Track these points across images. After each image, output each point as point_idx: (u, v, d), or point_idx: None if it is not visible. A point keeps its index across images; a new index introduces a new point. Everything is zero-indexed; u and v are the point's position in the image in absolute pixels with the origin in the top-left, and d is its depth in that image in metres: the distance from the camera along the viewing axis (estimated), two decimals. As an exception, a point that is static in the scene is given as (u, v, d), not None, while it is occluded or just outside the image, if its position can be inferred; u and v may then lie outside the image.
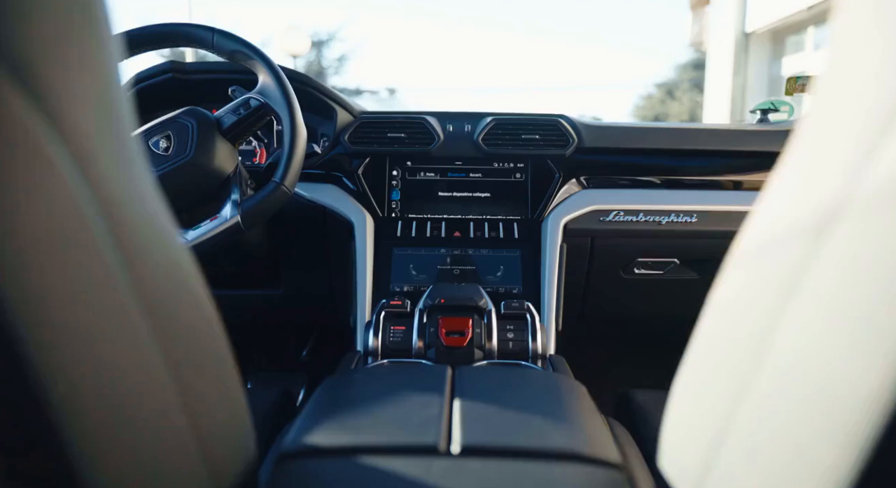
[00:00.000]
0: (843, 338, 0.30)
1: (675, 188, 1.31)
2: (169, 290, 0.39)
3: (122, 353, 0.35)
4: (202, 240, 1.01)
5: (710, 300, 0.45)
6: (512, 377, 0.67)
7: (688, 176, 1.33)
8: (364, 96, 20.01)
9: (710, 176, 1.33)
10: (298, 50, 12.76)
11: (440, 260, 1.24)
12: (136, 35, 1.09)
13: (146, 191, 0.39)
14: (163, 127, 1.04)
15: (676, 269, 1.33)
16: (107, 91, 0.35)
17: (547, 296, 1.17)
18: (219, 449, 0.44)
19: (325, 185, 1.32)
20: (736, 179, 1.33)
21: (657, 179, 1.32)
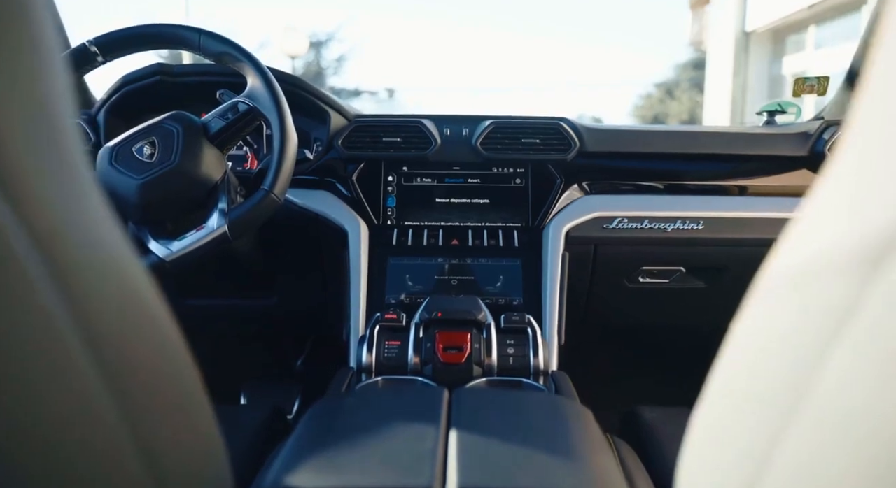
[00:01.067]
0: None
1: (681, 193, 1.27)
2: (123, 326, 0.35)
3: (66, 402, 0.30)
4: (187, 251, 0.97)
5: (735, 329, 0.40)
6: (512, 403, 0.63)
7: (694, 181, 1.28)
8: (363, 97, 19.96)
9: (717, 180, 1.28)
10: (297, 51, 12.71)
11: (437, 269, 1.19)
12: (119, 37, 1.04)
13: (94, 218, 0.34)
14: (147, 132, 1.00)
15: (682, 278, 1.29)
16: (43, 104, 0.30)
17: (548, 308, 1.13)
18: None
19: (319, 192, 1.28)
20: (743, 184, 1.28)
21: (662, 184, 1.28)
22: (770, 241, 1.09)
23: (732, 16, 7.96)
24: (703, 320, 1.42)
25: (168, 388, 0.39)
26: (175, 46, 1.07)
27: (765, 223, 1.23)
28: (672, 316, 1.36)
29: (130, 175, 0.96)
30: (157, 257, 0.96)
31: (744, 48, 8.16)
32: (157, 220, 1.00)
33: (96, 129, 1.28)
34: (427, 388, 0.87)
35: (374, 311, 1.07)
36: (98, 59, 1.05)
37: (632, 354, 1.63)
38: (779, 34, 7.87)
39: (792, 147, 1.28)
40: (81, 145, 0.34)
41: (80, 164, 0.34)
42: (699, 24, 9.33)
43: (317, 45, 17.95)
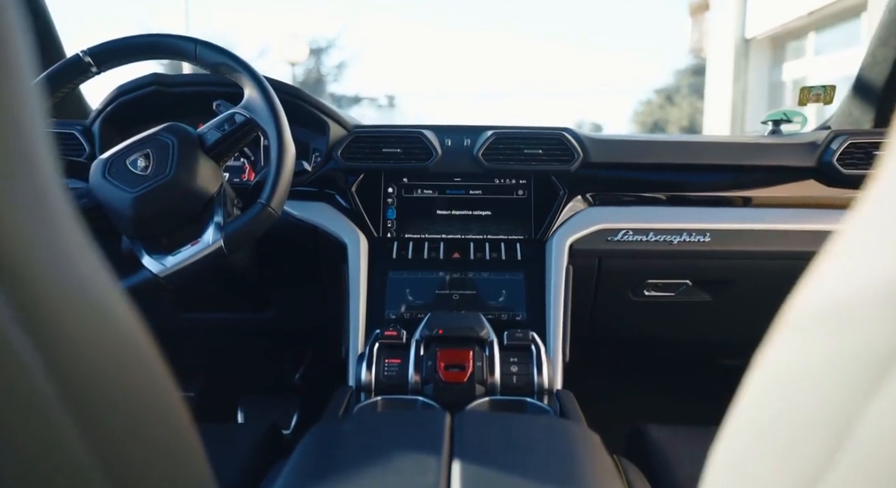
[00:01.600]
0: None
1: (687, 205, 1.24)
2: (95, 356, 0.32)
3: (30, 438, 0.28)
4: (182, 267, 0.94)
5: (763, 360, 0.38)
6: (517, 428, 0.60)
7: (700, 192, 1.26)
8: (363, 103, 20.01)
9: (724, 191, 1.26)
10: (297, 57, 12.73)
11: (438, 284, 1.17)
12: (113, 47, 1.02)
13: (65, 244, 0.32)
14: (142, 144, 0.97)
15: (688, 291, 1.26)
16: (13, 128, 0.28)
17: (552, 323, 1.10)
18: None
19: (317, 203, 1.25)
20: (750, 195, 1.26)
21: (667, 196, 1.25)
22: (778, 254, 1.06)
23: (732, 22, 7.97)
24: (709, 333, 1.39)
25: (150, 424, 0.37)
26: (171, 57, 1.05)
27: (773, 235, 1.21)
28: (678, 329, 1.34)
29: (124, 188, 0.94)
30: (150, 273, 0.94)
31: (744, 55, 8.17)
32: (152, 235, 0.98)
33: (91, 141, 1.26)
34: (428, 412, 0.84)
35: (374, 328, 1.05)
36: (92, 70, 1.03)
37: (637, 368, 1.60)
38: (778, 41, 7.88)
39: (799, 157, 1.26)
40: (55, 170, 0.32)
41: (53, 189, 0.31)
42: (699, 30, 9.33)
43: (317, 51, 18.01)
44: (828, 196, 1.25)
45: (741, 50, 8.13)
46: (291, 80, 13.49)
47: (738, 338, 1.42)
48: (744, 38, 8.03)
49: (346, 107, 19.55)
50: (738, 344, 1.48)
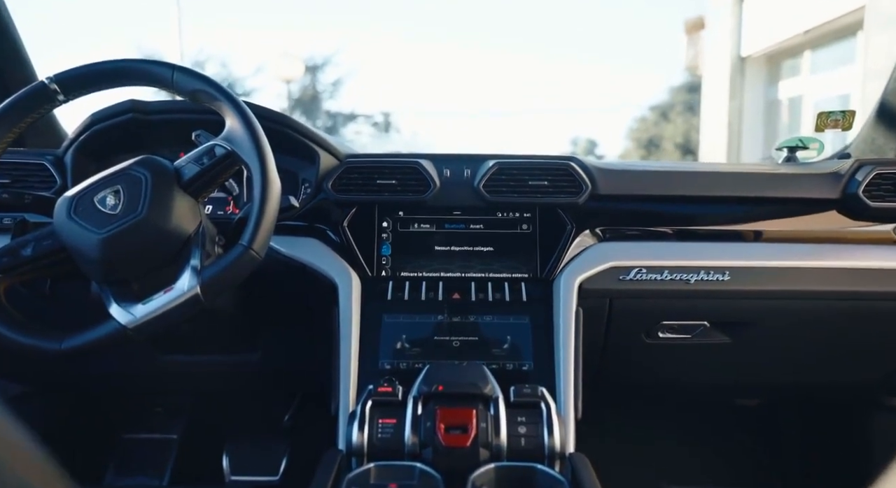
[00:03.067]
0: None
1: (704, 240, 1.16)
2: None
3: None
4: (153, 317, 0.85)
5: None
6: None
7: (717, 225, 1.17)
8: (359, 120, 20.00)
9: (743, 225, 1.17)
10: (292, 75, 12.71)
11: (437, 329, 1.07)
12: (82, 74, 0.94)
13: None
14: (111, 180, 0.89)
15: (706, 333, 1.17)
16: None
17: (563, 376, 1.00)
18: None
19: (306, 239, 1.16)
20: (771, 229, 1.17)
21: (682, 230, 1.17)
22: (802, 294, 0.95)
23: (727, 41, 7.97)
24: (727, 376, 1.30)
25: None
26: (146, 83, 0.96)
27: (796, 273, 1.12)
28: (694, 372, 1.25)
29: (91, 229, 0.85)
30: (118, 324, 0.85)
31: (739, 72, 8.16)
32: (121, 280, 0.89)
33: (63, 172, 1.17)
34: (427, 482, 0.75)
35: (367, 381, 0.95)
36: (59, 98, 0.95)
37: (651, 416, 1.51)
38: (774, 59, 7.88)
39: (822, 188, 1.17)
40: None
41: None
42: (694, 48, 9.34)
43: (312, 69, 18.01)
44: (853, 230, 1.17)
45: (737, 68, 8.12)
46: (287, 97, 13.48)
47: (757, 379, 1.33)
48: (739, 56, 8.02)
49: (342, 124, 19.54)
50: (756, 384, 1.40)
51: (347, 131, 19.91)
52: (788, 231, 1.18)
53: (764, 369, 1.26)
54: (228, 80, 17.13)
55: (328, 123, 19.32)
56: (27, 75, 1.34)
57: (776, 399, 1.38)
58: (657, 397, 1.42)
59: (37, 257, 0.90)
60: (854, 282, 1.12)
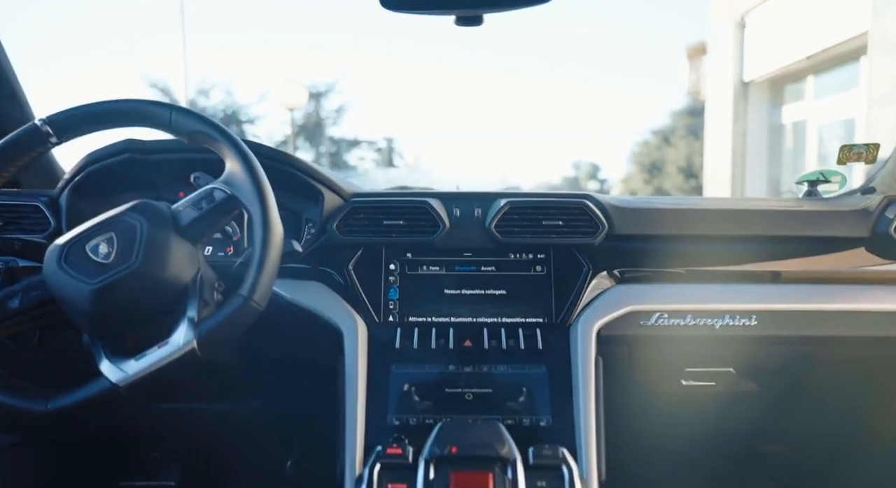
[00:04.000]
0: None
1: (728, 281, 1.10)
2: None
3: None
4: (146, 374, 0.79)
5: None
6: None
7: (742, 265, 1.12)
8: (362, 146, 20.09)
9: (768, 265, 1.12)
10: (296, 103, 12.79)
11: (449, 381, 1.01)
12: (76, 115, 0.90)
13: None
14: (105, 227, 0.84)
15: (732, 380, 1.11)
16: None
17: (584, 433, 0.94)
18: None
19: (310, 283, 1.11)
20: (798, 269, 1.12)
21: (706, 271, 1.11)
22: (834, 340, 0.87)
23: (730, 65, 7.99)
24: (755, 427, 1.24)
25: None
26: (142, 124, 0.92)
27: (828, 317, 1.06)
28: (719, 421, 1.18)
29: (82, 279, 0.80)
30: (108, 382, 0.79)
31: (742, 97, 8.18)
32: (114, 333, 0.83)
33: (58, 214, 1.13)
34: None
35: (374, 439, 0.89)
36: (52, 140, 0.91)
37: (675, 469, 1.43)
38: (777, 84, 7.89)
39: (850, 226, 1.12)
40: None
41: None
42: (696, 73, 9.38)
43: (316, 95, 18.14)
44: (885, 270, 1.11)
45: (740, 92, 8.14)
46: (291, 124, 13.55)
47: (786, 427, 1.26)
48: (742, 81, 8.04)
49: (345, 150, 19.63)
50: (785, 433, 1.33)
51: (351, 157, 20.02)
52: (816, 271, 1.12)
53: (794, 417, 1.19)
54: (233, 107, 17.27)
55: (332, 149, 19.42)
56: (24, 115, 1.31)
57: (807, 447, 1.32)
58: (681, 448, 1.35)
59: (25, 309, 0.85)
60: (890, 326, 1.06)
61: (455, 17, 0.92)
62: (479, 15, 0.92)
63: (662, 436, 1.27)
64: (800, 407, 1.19)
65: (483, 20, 0.92)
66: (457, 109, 34.94)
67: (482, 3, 0.91)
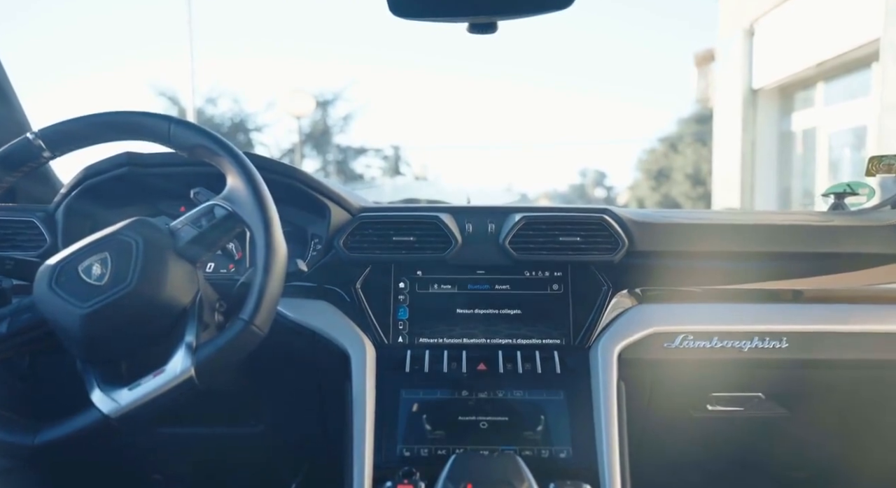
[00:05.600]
0: None
1: (758, 301, 1.04)
2: None
3: None
4: (140, 404, 0.75)
5: None
6: None
7: (769, 283, 1.06)
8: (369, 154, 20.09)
9: (798, 284, 1.06)
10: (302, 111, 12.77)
11: (462, 408, 0.95)
12: (70, 128, 0.86)
13: None
14: (98, 246, 0.79)
15: (761, 405, 1.05)
16: None
17: (608, 465, 0.88)
18: None
19: (315, 302, 1.06)
20: (829, 288, 1.06)
21: (732, 290, 1.05)
22: (870, 363, 0.79)
23: (739, 73, 7.94)
24: (785, 455, 1.18)
25: None
26: (140, 138, 0.88)
27: (860, 339, 1.00)
28: (748, 449, 1.12)
29: (73, 302, 0.75)
30: (100, 413, 0.74)
31: (751, 105, 8.12)
32: (107, 359, 0.79)
33: (53, 230, 1.08)
34: None
35: (384, 471, 0.84)
36: (44, 155, 0.86)
37: None
38: (787, 91, 7.83)
39: (883, 242, 1.06)
40: None
41: None
42: (705, 80, 9.33)
43: (323, 104, 18.16)
44: None
45: (749, 100, 8.08)
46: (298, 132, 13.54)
47: (816, 455, 1.20)
48: (751, 88, 7.98)
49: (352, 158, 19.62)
50: (814, 459, 1.27)
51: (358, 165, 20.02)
52: (847, 290, 1.07)
53: (827, 445, 1.13)
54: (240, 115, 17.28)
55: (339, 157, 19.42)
56: (20, 128, 1.27)
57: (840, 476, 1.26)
58: (708, 477, 1.29)
59: (14, 333, 0.80)
60: None
61: (468, 25, 0.87)
62: (494, 22, 0.87)
63: (688, 465, 1.21)
64: (833, 435, 1.13)
65: (497, 27, 0.88)
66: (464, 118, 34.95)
67: (496, 11, 0.86)
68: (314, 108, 15.44)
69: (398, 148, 20.86)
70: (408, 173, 20.53)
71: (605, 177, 25.17)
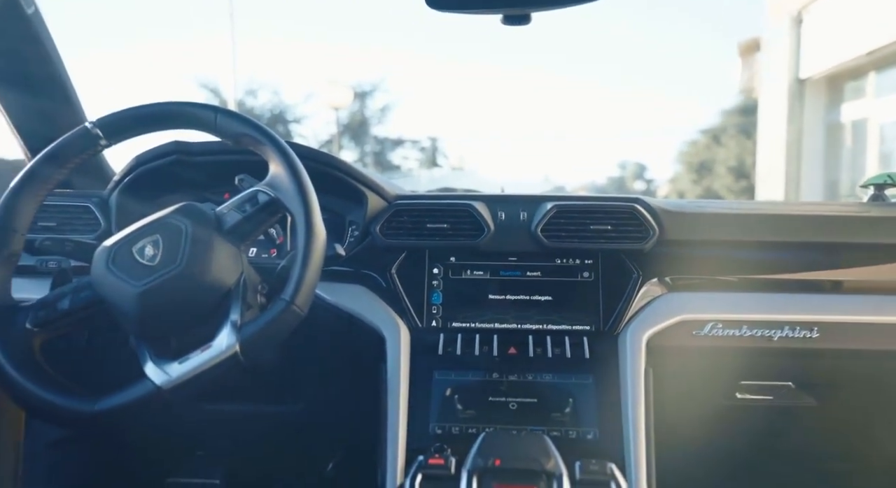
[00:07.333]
0: None
1: (788, 291, 1.04)
2: None
3: None
4: (189, 378, 0.79)
5: None
6: None
7: (803, 273, 1.06)
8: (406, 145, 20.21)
9: (832, 274, 1.06)
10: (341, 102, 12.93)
11: (493, 389, 0.99)
12: (124, 118, 0.91)
13: None
14: (151, 229, 0.84)
15: (790, 394, 1.06)
16: None
17: (633, 447, 0.90)
18: None
19: (352, 286, 1.10)
20: (864, 279, 1.05)
21: (763, 280, 1.06)
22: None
23: (785, 62, 7.72)
24: (814, 445, 1.18)
25: None
26: (188, 127, 0.93)
27: (894, 330, 1.00)
28: (777, 438, 1.12)
29: (128, 281, 0.80)
30: (153, 384, 0.79)
31: (798, 95, 7.89)
32: (159, 335, 0.84)
33: (108, 214, 1.15)
34: None
35: (416, 447, 0.87)
36: (101, 142, 0.92)
37: None
38: (835, 81, 7.59)
39: None
40: None
41: None
42: (750, 70, 9.10)
43: (361, 95, 18.32)
44: None
45: (795, 90, 7.86)
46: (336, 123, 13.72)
47: (847, 445, 1.20)
48: (798, 78, 7.76)
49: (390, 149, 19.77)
50: (847, 450, 1.26)
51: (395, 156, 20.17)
52: (882, 281, 1.06)
53: (858, 435, 1.13)
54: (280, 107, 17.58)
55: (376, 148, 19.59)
56: (77, 118, 1.34)
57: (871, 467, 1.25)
58: (734, 465, 1.29)
59: (74, 310, 0.86)
60: None
61: (502, 17, 0.89)
62: (527, 14, 0.89)
63: (715, 452, 1.22)
64: (864, 425, 1.12)
65: (531, 19, 0.90)
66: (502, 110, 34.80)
67: (530, 2, 0.88)
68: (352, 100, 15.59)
69: (435, 139, 20.94)
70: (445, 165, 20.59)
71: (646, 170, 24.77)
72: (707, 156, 18.41)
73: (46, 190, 0.92)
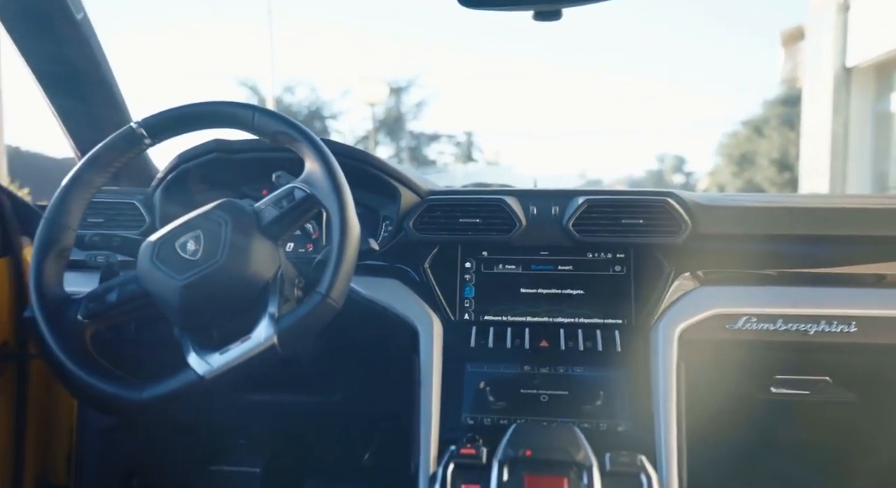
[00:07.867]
0: None
1: (824, 284, 1.03)
2: None
3: None
4: (229, 368, 0.83)
5: None
6: None
7: (838, 267, 1.04)
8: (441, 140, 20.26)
9: (868, 267, 1.04)
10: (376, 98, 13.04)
11: (524, 381, 1.00)
12: (167, 117, 0.95)
13: None
14: (192, 225, 0.88)
15: (828, 389, 1.04)
16: None
17: (664, 440, 0.91)
18: None
19: (386, 280, 1.12)
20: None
21: (799, 273, 1.05)
22: None
23: (831, 51, 7.49)
24: (851, 440, 1.16)
25: None
26: (227, 125, 0.96)
27: None
28: (813, 433, 1.11)
29: (172, 275, 0.84)
30: (196, 374, 0.83)
31: (844, 84, 7.65)
32: (202, 326, 0.87)
33: (152, 210, 1.20)
34: None
35: (448, 437, 0.89)
36: (146, 142, 0.96)
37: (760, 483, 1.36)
38: (884, 69, 7.33)
39: None
40: None
41: None
42: (793, 60, 8.86)
43: (396, 91, 18.41)
44: None
45: (841, 79, 7.62)
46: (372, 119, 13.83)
47: (885, 441, 1.17)
48: (844, 67, 7.52)
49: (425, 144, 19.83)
50: (883, 446, 1.24)
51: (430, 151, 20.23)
52: None
53: None
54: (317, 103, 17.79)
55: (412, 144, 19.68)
56: (123, 119, 1.39)
57: None
58: (767, 459, 1.28)
59: (121, 302, 0.91)
60: None
61: (533, 13, 0.90)
62: (558, 10, 0.90)
63: (748, 446, 1.21)
64: None
65: (562, 15, 0.90)
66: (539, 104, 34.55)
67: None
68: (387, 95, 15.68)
69: (471, 134, 20.93)
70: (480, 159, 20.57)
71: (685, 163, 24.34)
72: (748, 148, 17.98)
73: (95, 187, 0.96)
